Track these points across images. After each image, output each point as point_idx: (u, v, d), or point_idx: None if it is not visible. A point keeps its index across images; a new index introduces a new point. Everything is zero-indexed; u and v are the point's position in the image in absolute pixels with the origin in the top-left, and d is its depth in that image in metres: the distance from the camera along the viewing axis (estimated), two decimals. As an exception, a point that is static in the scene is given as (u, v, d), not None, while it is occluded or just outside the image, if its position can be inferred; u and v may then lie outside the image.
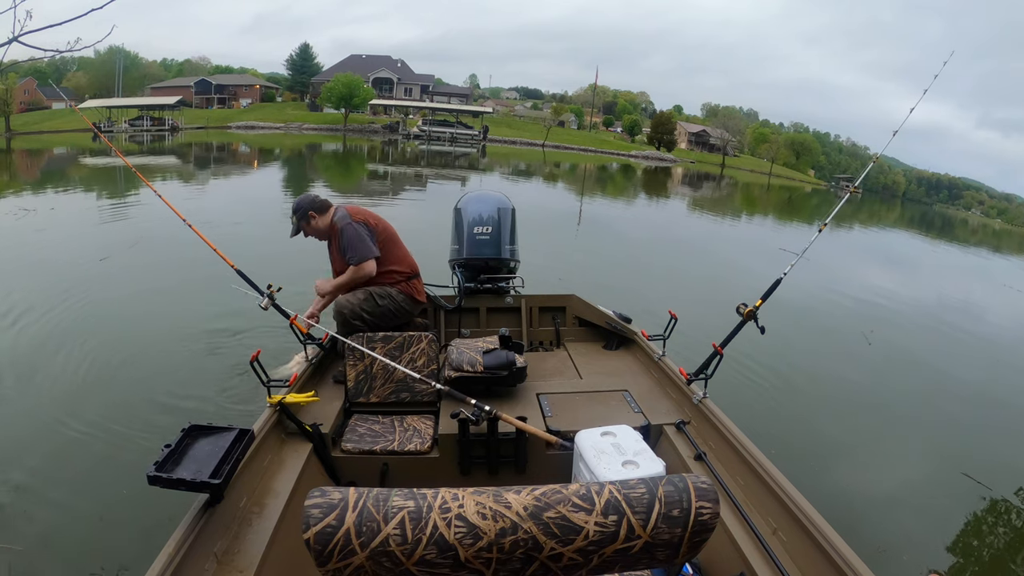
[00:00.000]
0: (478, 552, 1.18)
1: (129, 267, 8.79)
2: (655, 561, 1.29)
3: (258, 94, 77.27)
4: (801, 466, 4.32)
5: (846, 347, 7.95)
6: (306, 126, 62.39)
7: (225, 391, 5.12)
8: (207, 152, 37.06)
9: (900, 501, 4.52)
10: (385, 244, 4.06)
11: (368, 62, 77.56)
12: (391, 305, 4.00)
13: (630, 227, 18.43)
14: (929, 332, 9.91)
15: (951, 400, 6.73)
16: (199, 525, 2.10)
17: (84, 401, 4.86)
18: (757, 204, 36.62)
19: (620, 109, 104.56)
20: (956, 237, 40.46)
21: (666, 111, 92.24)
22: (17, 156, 31.79)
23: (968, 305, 13.18)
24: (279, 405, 2.95)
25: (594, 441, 2.86)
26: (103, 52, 67.40)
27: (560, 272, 9.35)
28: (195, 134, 50.12)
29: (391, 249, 4.09)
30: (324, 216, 4.05)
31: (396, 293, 4.03)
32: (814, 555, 2.14)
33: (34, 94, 62.50)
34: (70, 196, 16.93)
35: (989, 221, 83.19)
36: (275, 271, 4.23)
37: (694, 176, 55.32)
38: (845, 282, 12.37)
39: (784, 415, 5.66)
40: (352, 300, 3.91)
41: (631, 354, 4.32)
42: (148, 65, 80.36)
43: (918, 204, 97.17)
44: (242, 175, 25.85)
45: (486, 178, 30.47)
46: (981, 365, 8.41)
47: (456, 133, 59.48)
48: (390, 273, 4.05)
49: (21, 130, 47.26)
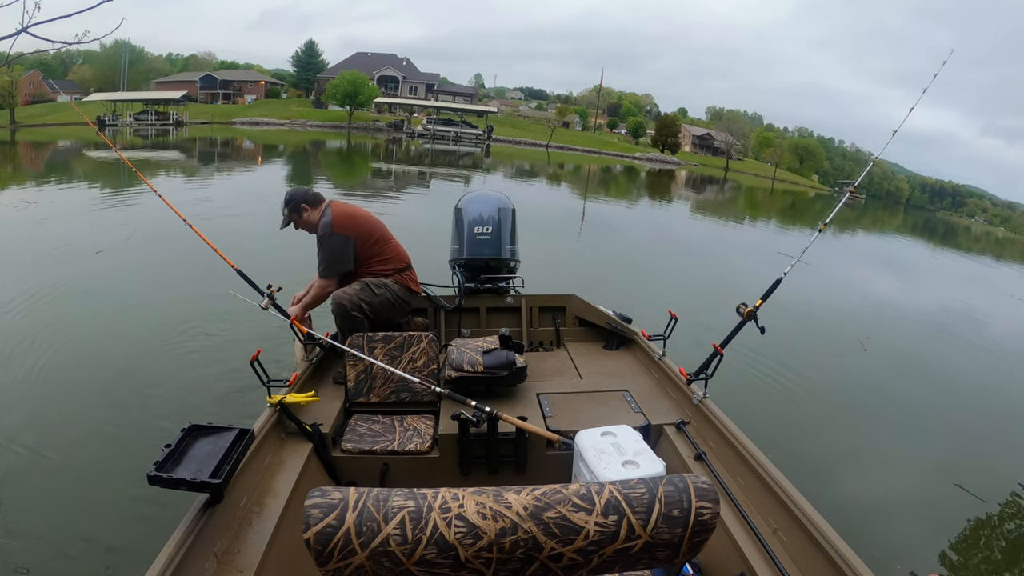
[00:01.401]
0: (478, 552, 1.18)
1: (128, 265, 8.78)
2: (655, 561, 1.29)
3: (263, 90, 77.40)
4: (801, 466, 4.31)
5: (846, 349, 7.95)
6: (310, 123, 62.45)
7: (225, 391, 5.11)
8: (211, 147, 37.10)
9: (900, 502, 4.53)
10: (377, 243, 4.04)
11: (373, 60, 77.70)
12: (388, 295, 3.98)
13: (633, 229, 18.41)
14: (929, 338, 9.93)
15: (951, 404, 6.74)
16: (199, 525, 2.10)
17: (84, 401, 4.86)
18: (760, 208, 36.59)
19: (625, 111, 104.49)
20: (959, 245, 40.42)
21: (670, 114, 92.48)
22: (21, 148, 31.87)
23: (969, 312, 13.18)
24: (279, 405, 2.95)
25: (594, 441, 2.86)
26: (109, 46, 67.67)
27: (563, 272, 9.37)
28: (199, 129, 50.24)
29: (382, 246, 4.07)
30: (316, 210, 4.02)
31: (392, 283, 4.02)
32: (814, 555, 2.14)
33: (39, 86, 62.55)
34: (72, 190, 16.92)
35: (992, 229, 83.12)
36: (277, 269, 4.23)
37: (697, 179, 55.30)
38: (846, 286, 12.42)
39: (784, 415, 5.67)
40: (350, 292, 3.89)
41: (631, 354, 4.31)
42: (153, 59, 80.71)
43: (921, 211, 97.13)
44: (246, 171, 25.83)
45: (490, 178, 30.44)
46: (981, 372, 8.42)
47: (460, 132, 59.47)
48: (384, 267, 4.04)
49: (26, 122, 47.39)
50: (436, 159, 38.81)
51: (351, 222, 4.00)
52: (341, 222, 3.96)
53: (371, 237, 4.04)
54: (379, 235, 4.09)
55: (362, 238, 4.00)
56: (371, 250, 4.01)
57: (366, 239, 4.01)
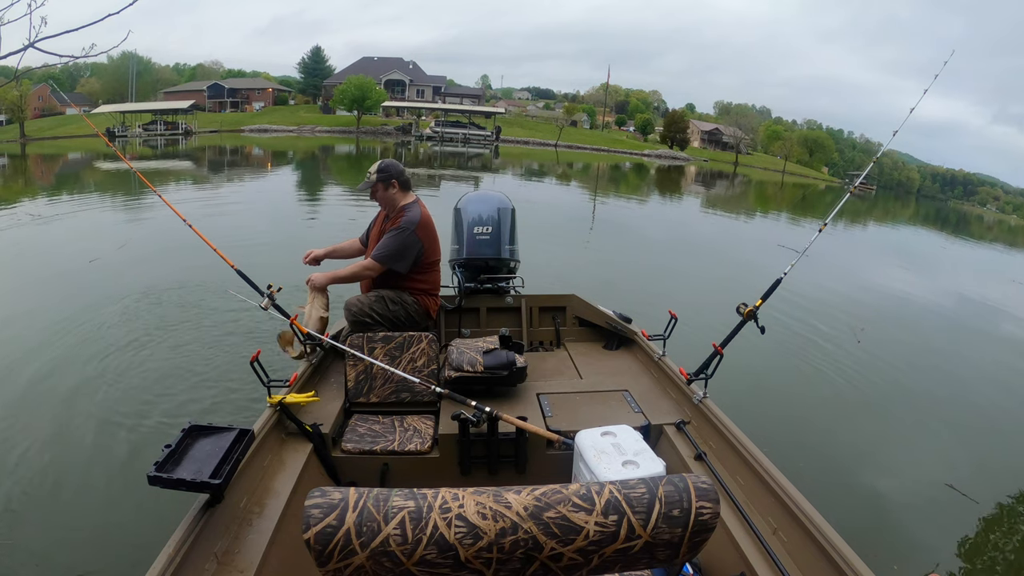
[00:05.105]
0: (478, 552, 1.18)
1: (127, 266, 8.90)
2: (655, 561, 1.29)
3: (271, 97, 77.72)
4: (801, 466, 4.32)
5: (848, 348, 7.87)
6: (319, 128, 62.74)
7: (225, 391, 5.15)
8: (221, 156, 37.39)
9: (901, 501, 4.49)
10: (431, 266, 4.04)
11: (380, 64, 77.79)
12: (401, 312, 3.95)
13: (642, 227, 18.39)
14: (935, 332, 9.79)
15: (955, 402, 6.65)
16: (199, 525, 2.11)
17: (84, 401, 4.90)
18: (770, 202, 36.40)
19: (632, 108, 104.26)
20: (971, 233, 40.11)
21: (679, 109, 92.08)
22: (32, 162, 32.15)
23: (981, 304, 13.01)
24: (279, 405, 2.96)
25: (594, 441, 2.85)
26: (116, 58, 68.23)
27: (570, 272, 9.36)
28: (208, 138, 50.53)
29: (432, 270, 4.06)
30: (403, 194, 4.00)
31: (412, 302, 3.98)
32: (814, 555, 2.13)
33: (48, 100, 63.07)
34: (84, 199, 17.13)
35: (1005, 217, 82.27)
36: (277, 269, 4.23)
37: (707, 174, 55.11)
38: (850, 282, 12.29)
39: (784, 415, 5.63)
40: (363, 300, 3.89)
41: (631, 354, 4.30)
42: (161, 70, 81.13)
43: (932, 200, 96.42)
44: (256, 177, 25.98)
45: (499, 179, 30.51)
46: (988, 366, 8.34)
47: (469, 134, 59.62)
48: (418, 285, 4.02)
49: (36, 135, 47.77)
50: (445, 161, 38.89)
51: (430, 234, 4.01)
52: (426, 226, 3.96)
53: (431, 257, 4.04)
54: (436, 259, 4.10)
55: (426, 254, 3.98)
56: (422, 268, 3.99)
57: (428, 256, 4.01)
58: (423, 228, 3.93)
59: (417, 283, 4.01)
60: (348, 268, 3.97)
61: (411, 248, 3.89)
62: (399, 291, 3.97)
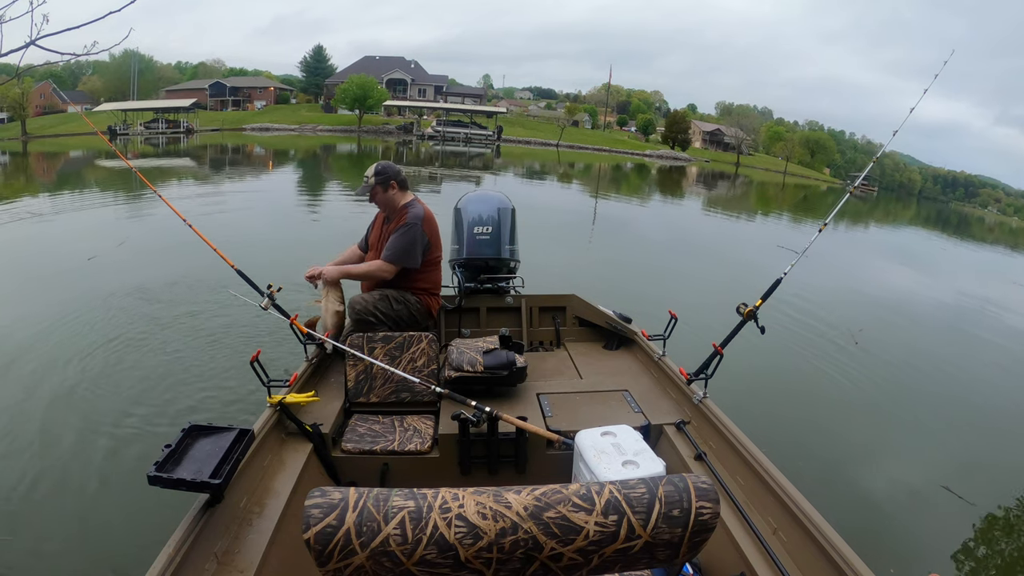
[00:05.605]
0: (478, 552, 1.18)
1: (127, 266, 8.88)
2: (655, 561, 1.29)
3: (272, 96, 77.70)
4: (801, 466, 4.32)
5: (848, 348, 7.87)
6: (320, 128, 62.78)
7: (225, 391, 5.15)
8: (222, 154, 37.42)
9: (901, 501, 4.50)
10: (433, 262, 4.09)
11: (382, 63, 77.80)
12: (404, 312, 3.97)
13: (643, 227, 18.43)
14: (935, 334, 9.79)
15: (955, 403, 6.65)
16: (199, 525, 2.11)
17: (84, 401, 4.90)
18: (772, 203, 36.39)
19: (634, 108, 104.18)
20: (972, 235, 40.07)
21: (680, 110, 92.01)
22: (33, 159, 32.17)
23: (983, 305, 12.99)
24: (279, 405, 2.96)
25: (594, 441, 2.85)
26: (118, 56, 68.18)
27: (570, 272, 9.34)
28: (210, 136, 50.60)
29: (435, 267, 4.11)
30: (401, 194, 4.05)
31: (415, 301, 4.01)
32: (814, 555, 2.13)
33: (50, 97, 63.10)
34: (85, 197, 17.15)
35: (1006, 219, 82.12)
36: (277, 269, 4.23)
37: (708, 175, 55.09)
38: (850, 283, 12.29)
39: (785, 415, 5.62)
40: (367, 299, 3.90)
41: (631, 354, 4.30)
42: (163, 68, 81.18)
43: (934, 202, 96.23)
44: (257, 176, 25.98)
45: (501, 179, 30.46)
46: (989, 367, 8.33)
47: (470, 133, 59.64)
48: (421, 284, 4.05)
49: (37, 133, 47.84)
50: (446, 160, 38.90)
51: (433, 229, 4.07)
52: (429, 221, 4.04)
53: (434, 253, 4.10)
54: (438, 256, 4.15)
55: (430, 249, 4.04)
56: (425, 266, 4.03)
57: (431, 252, 4.06)
58: (427, 223, 4.01)
59: (420, 282, 4.05)
60: (361, 266, 4.02)
61: (419, 242, 3.95)
62: (402, 290, 4.00)
